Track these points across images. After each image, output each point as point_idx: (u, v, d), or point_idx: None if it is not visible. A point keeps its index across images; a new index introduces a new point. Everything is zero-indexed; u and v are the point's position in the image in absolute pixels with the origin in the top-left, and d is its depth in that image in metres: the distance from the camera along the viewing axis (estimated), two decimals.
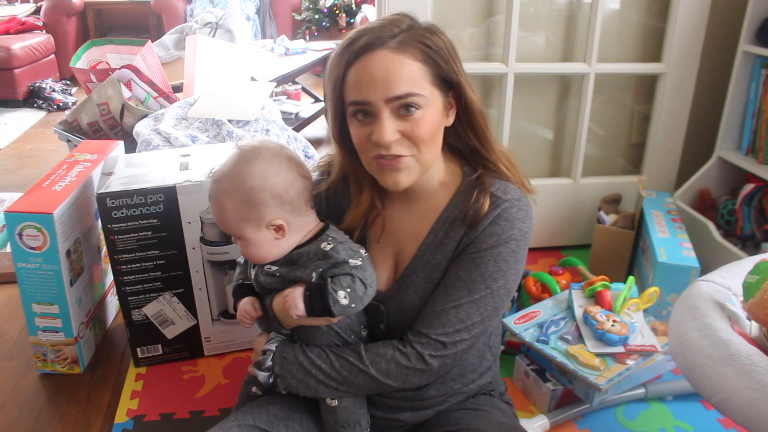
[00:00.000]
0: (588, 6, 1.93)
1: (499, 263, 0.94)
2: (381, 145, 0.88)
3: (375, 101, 0.87)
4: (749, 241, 1.90)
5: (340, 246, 0.97)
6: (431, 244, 0.99)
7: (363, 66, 0.88)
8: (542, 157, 2.15)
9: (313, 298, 0.93)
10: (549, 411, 1.39)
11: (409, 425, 1.07)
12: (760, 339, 1.00)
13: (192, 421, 1.40)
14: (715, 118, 2.01)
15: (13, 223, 1.39)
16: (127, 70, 2.48)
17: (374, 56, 0.87)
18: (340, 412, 1.00)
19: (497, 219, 0.95)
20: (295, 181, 0.98)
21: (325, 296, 0.93)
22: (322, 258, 0.96)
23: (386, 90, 0.86)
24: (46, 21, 4.56)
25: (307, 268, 0.96)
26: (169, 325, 1.55)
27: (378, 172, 0.93)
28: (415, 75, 0.88)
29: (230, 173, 0.97)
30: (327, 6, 4.86)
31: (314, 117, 3.43)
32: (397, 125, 0.88)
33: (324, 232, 1.00)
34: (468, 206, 0.97)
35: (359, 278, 0.94)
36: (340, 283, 0.94)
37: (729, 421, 1.31)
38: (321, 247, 0.96)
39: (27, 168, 3.07)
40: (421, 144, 0.90)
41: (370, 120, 0.89)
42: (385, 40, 0.88)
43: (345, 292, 0.93)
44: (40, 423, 1.41)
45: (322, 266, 0.96)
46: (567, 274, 1.84)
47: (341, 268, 0.95)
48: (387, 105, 0.87)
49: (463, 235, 0.97)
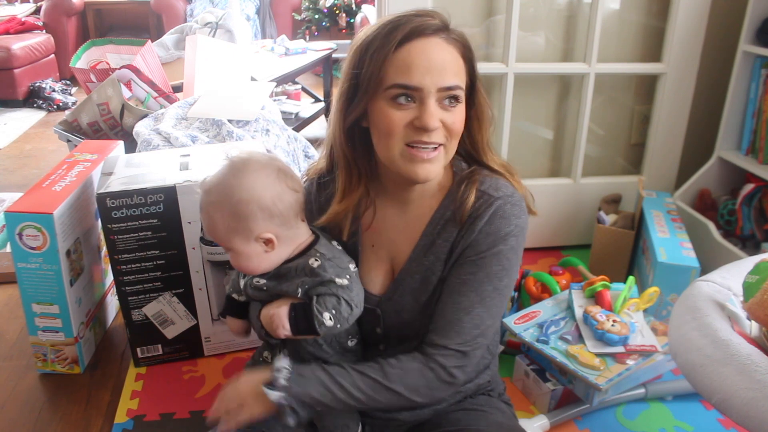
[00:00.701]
0: (588, 6, 1.93)
1: (502, 262, 0.94)
2: (427, 130, 0.87)
3: (428, 88, 0.86)
4: (749, 241, 1.90)
5: (328, 263, 0.96)
6: (424, 245, 0.99)
7: (416, 50, 0.87)
8: (542, 157, 2.15)
9: (299, 319, 0.93)
10: (549, 411, 1.39)
11: (408, 425, 1.06)
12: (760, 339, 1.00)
13: (192, 421, 1.40)
14: (715, 118, 2.01)
15: (13, 223, 1.39)
16: (127, 70, 2.48)
17: (428, 42, 0.87)
18: (326, 417, 1.00)
19: (492, 218, 0.93)
20: (283, 194, 0.96)
21: (311, 317, 0.93)
22: (309, 274, 0.95)
23: (441, 78, 0.86)
24: (46, 21, 4.56)
25: (292, 283, 0.96)
26: (169, 325, 1.55)
27: (407, 162, 0.90)
28: (460, 69, 0.90)
29: (218, 185, 0.96)
30: (327, 6, 4.86)
31: (314, 117, 3.43)
32: (439, 113, 0.88)
33: (314, 246, 0.99)
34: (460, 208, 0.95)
35: (345, 299, 0.94)
36: (325, 304, 0.93)
37: (729, 421, 1.31)
38: (309, 263, 0.96)
39: (27, 168, 3.07)
40: (454, 137, 0.91)
41: (411, 105, 0.88)
42: (437, 29, 0.88)
43: (330, 314, 0.93)
44: (40, 423, 1.41)
45: (308, 283, 0.95)
46: (567, 274, 1.84)
47: (327, 287, 0.94)
48: (437, 93, 0.87)
49: (457, 236, 0.95)
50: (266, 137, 2.12)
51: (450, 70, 0.88)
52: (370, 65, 0.89)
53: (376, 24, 0.92)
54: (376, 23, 0.92)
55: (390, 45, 0.87)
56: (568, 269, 1.88)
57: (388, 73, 0.88)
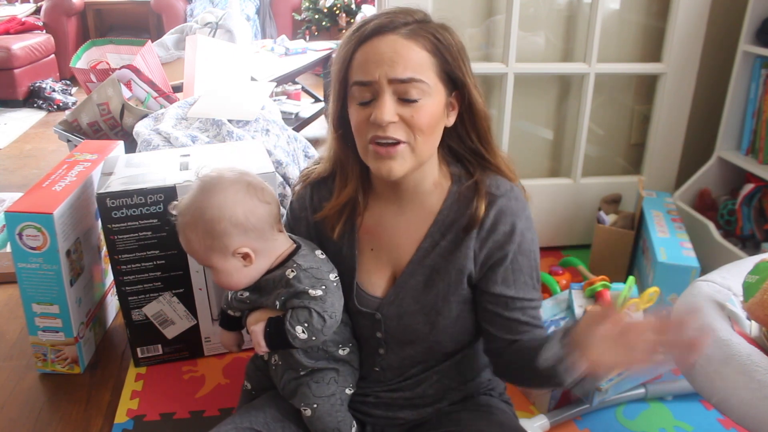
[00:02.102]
0: (588, 6, 1.93)
1: (529, 257, 0.97)
2: (379, 124, 0.86)
3: (379, 80, 0.86)
4: (749, 241, 1.90)
5: (303, 274, 0.96)
6: (428, 248, 0.98)
7: (372, 47, 0.87)
8: (542, 157, 2.15)
9: (272, 335, 0.95)
10: (549, 411, 1.39)
11: (410, 423, 1.07)
12: (760, 339, 1.00)
13: (192, 421, 1.40)
14: (715, 118, 2.01)
15: (13, 223, 1.39)
16: (127, 70, 2.48)
17: (384, 39, 0.87)
18: (315, 422, 1.00)
19: (500, 216, 0.94)
20: (255, 209, 0.97)
21: (283, 333, 0.94)
22: (285, 286, 0.96)
23: (391, 70, 0.86)
24: (46, 21, 4.56)
25: (270, 296, 0.97)
26: (169, 325, 1.55)
27: (373, 159, 0.91)
28: (421, 62, 0.88)
29: (190, 206, 0.97)
30: (327, 6, 4.86)
31: (314, 117, 3.42)
32: (397, 109, 0.87)
33: (292, 256, 0.99)
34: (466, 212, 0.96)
35: (317, 311, 0.94)
36: (297, 317, 0.94)
37: (729, 421, 1.31)
38: (285, 274, 0.96)
39: (27, 168, 3.07)
40: (419, 133, 0.89)
41: (371, 103, 0.88)
42: (397, 26, 0.88)
43: (302, 327, 0.94)
44: (40, 423, 1.41)
45: (284, 294, 0.96)
46: (567, 274, 1.84)
47: (300, 300, 0.95)
48: (390, 86, 0.86)
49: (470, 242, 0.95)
50: (266, 137, 2.12)
51: (405, 63, 0.86)
52: (335, 68, 0.92)
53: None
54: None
55: (350, 47, 0.89)
56: (568, 269, 1.88)
57: (350, 73, 0.90)
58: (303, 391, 1.01)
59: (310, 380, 1.01)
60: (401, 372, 1.05)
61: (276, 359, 1.04)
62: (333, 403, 1.01)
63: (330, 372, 1.01)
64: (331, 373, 1.01)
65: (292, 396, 1.03)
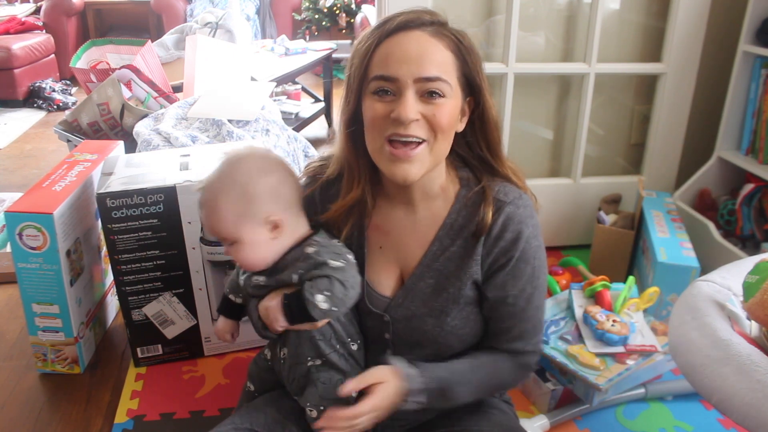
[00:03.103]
0: (588, 6, 1.93)
1: (534, 263, 0.97)
2: (401, 122, 0.85)
3: (404, 78, 0.85)
4: (749, 241, 1.90)
5: (323, 249, 0.95)
6: (437, 251, 0.99)
7: (397, 42, 0.87)
8: (542, 157, 2.15)
9: (292, 307, 0.92)
10: (549, 411, 1.39)
11: (413, 424, 1.06)
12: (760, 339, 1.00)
13: (192, 421, 1.40)
14: (715, 118, 2.01)
15: (13, 223, 1.39)
16: (127, 70, 2.48)
17: (410, 35, 0.87)
18: None
19: (508, 223, 0.95)
20: (286, 179, 0.98)
21: (302, 303, 0.91)
22: (303, 260, 0.95)
23: (418, 69, 0.85)
24: (46, 21, 4.56)
25: (288, 272, 0.96)
26: (169, 325, 1.55)
27: (388, 162, 0.90)
28: (446, 62, 0.88)
29: (222, 174, 0.96)
30: (327, 6, 4.86)
31: (314, 117, 3.43)
32: (419, 107, 0.87)
33: (312, 236, 0.99)
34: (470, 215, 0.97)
35: (338, 279, 0.92)
36: (317, 286, 0.91)
37: (729, 421, 1.31)
38: (305, 250, 0.96)
39: (27, 168, 3.07)
40: (439, 131, 0.88)
41: (391, 98, 0.87)
42: (422, 23, 0.88)
43: (323, 296, 0.91)
44: (40, 423, 1.41)
45: (302, 268, 0.94)
46: (567, 274, 1.84)
47: (320, 270, 0.93)
48: (414, 85, 0.86)
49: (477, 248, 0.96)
50: (266, 137, 2.12)
51: (430, 61, 0.86)
52: (356, 60, 0.91)
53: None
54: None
55: (373, 40, 0.88)
56: (568, 269, 1.88)
57: (371, 67, 0.89)
58: (310, 391, 0.99)
59: (318, 379, 0.99)
60: None
61: (285, 353, 1.02)
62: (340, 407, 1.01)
63: (338, 373, 1.00)
64: (338, 375, 1.00)
65: (299, 392, 1.02)
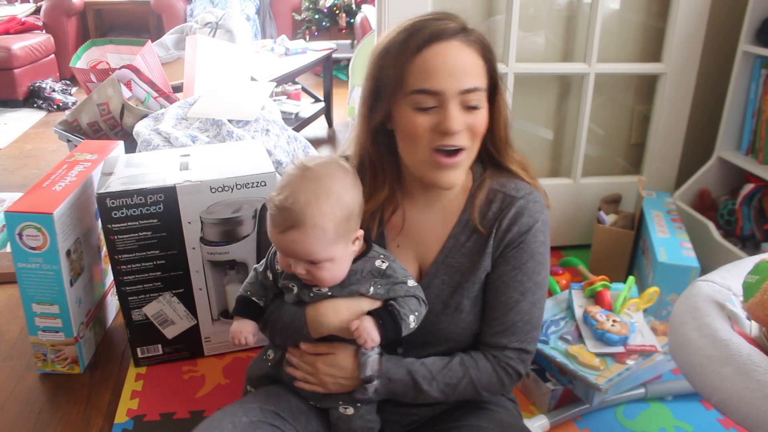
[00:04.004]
0: (588, 6, 1.93)
1: (536, 258, 0.98)
2: (449, 133, 0.88)
3: (448, 92, 0.87)
4: (749, 241, 1.90)
5: (395, 264, 0.96)
6: (452, 247, 1.00)
7: (435, 54, 0.88)
8: (542, 157, 2.15)
9: (387, 326, 0.92)
10: (549, 411, 1.39)
11: (421, 420, 1.07)
12: (760, 339, 1.00)
13: (192, 421, 1.40)
14: (715, 118, 2.01)
15: (13, 223, 1.39)
16: (127, 70, 2.48)
17: (447, 46, 0.88)
18: (356, 420, 0.99)
19: (517, 217, 0.97)
20: (361, 192, 0.96)
21: (398, 322, 0.92)
22: (379, 276, 0.95)
23: (460, 82, 0.87)
24: (46, 21, 4.56)
25: (364, 284, 0.95)
26: (169, 325, 1.56)
27: (434, 170, 0.92)
28: (479, 70, 0.90)
29: (321, 192, 0.89)
30: (327, 6, 4.86)
31: (314, 117, 3.43)
32: (462, 117, 0.89)
33: (371, 249, 0.98)
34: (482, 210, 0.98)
35: (422, 299, 0.95)
36: (408, 306, 0.94)
37: (729, 421, 1.31)
38: (376, 265, 0.95)
39: (27, 168, 3.07)
40: (476, 139, 0.92)
41: (434, 110, 0.89)
42: (455, 32, 0.89)
43: (414, 316, 0.94)
44: (40, 423, 1.41)
45: (380, 283, 0.95)
46: (567, 274, 1.84)
47: (402, 288, 0.95)
48: (457, 97, 0.88)
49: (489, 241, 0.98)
50: (266, 137, 2.13)
51: (470, 72, 0.89)
52: (391, 70, 0.90)
53: (395, 29, 0.92)
54: (395, 28, 0.92)
55: (409, 50, 0.88)
56: (568, 269, 1.88)
57: (408, 78, 0.89)
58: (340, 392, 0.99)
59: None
60: None
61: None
62: (373, 404, 1.01)
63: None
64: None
65: (321, 398, 1.01)
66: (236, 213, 1.48)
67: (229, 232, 1.49)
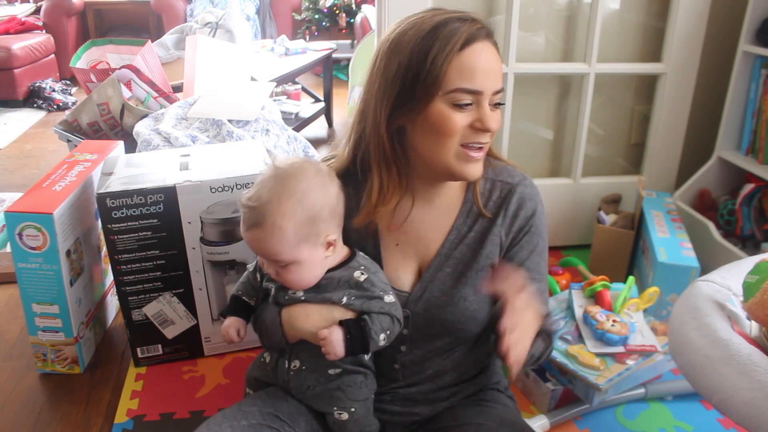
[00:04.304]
0: (588, 6, 1.93)
1: (543, 236, 1.04)
2: (488, 131, 0.91)
3: (487, 91, 0.90)
4: (749, 241, 1.90)
5: (374, 277, 0.95)
6: (455, 239, 1.01)
7: (476, 55, 0.89)
8: (542, 157, 2.15)
9: (354, 342, 0.91)
10: (549, 411, 1.39)
11: (424, 418, 1.07)
12: (760, 339, 1.00)
13: (192, 421, 1.40)
14: (715, 118, 2.01)
15: (13, 223, 1.39)
16: (127, 70, 2.48)
17: (482, 46, 0.90)
18: (351, 425, 0.99)
19: (521, 202, 1.01)
20: (340, 194, 0.95)
21: (367, 340, 0.91)
22: (355, 287, 0.94)
23: (495, 82, 0.91)
24: (46, 21, 4.56)
25: (337, 293, 0.94)
26: (169, 325, 1.56)
27: (461, 162, 0.93)
28: (502, 71, 0.95)
29: (284, 192, 0.89)
30: (327, 6, 4.86)
31: (314, 117, 3.43)
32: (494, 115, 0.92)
33: (354, 258, 0.97)
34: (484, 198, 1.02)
35: (397, 318, 0.94)
36: (381, 324, 0.92)
37: (729, 421, 1.31)
38: (354, 276, 0.94)
39: (27, 168, 3.07)
40: (494, 135, 0.96)
41: (469, 107, 0.90)
42: (486, 34, 0.91)
43: (385, 334, 0.93)
44: (40, 423, 1.41)
45: (355, 295, 0.94)
46: (567, 274, 1.84)
47: (377, 304, 0.93)
48: (491, 96, 0.91)
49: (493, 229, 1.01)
50: (266, 137, 2.13)
51: (499, 73, 0.93)
52: (431, 69, 0.88)
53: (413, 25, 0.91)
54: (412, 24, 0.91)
55: (453, 49, 0.88)
56: (568, 269, 1.88)
57: (450, 76, 0.89)
58: (336, 395, 0.99)
59: (341, 384, 0.98)
60: (421, 368, 1.04)
61: (297, 365, 1.00)
62: (368, 407, 1.01)
63: (359, 376, 1.00)
64: (360, 377, 1.00)
65: (317, 400, 1.01)
66: (236, 213, 1.48)
67: (229, 232, 1.49)
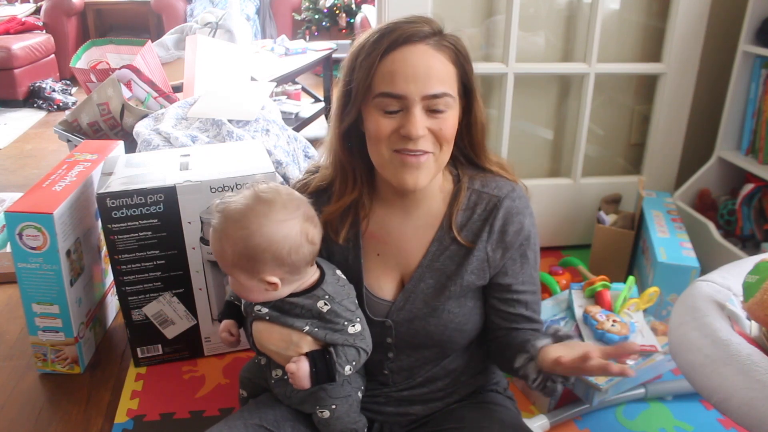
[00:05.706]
0: (588, 6, 1.93)
1: (536, 250, 1.02)
2: (411, 138, 0.87)
3: (411, 96, 0.86)
4: (749, 241, 1.90)
5: (338, 307, 0.94)
6: (436, 251, 0.99)
7: (403, 57, 0.87)
8: (542, 157, 2.15)
9: (320, 374, 0.92)
10: (549, 411, 1.39)
11: (419, 418, 1.07)
12: (760, 339, 1.00)
13: (192, 421, 1.40)
14: (715, 118, 2.01)
15: (13, 223, 1.39)
16: (127, 70, 2.48)
17: (415, 49, 0.87)
18: (334, 422, 1.00)
19: (509, 217, 0.97)
20: (300, 248, 0.92)
21: (332, 372, 0.92)
22: (318, 318, 0.94)
23: (425, 86, 0.86)
24: (46, 21, 4.56)
25: (299, 320, 0.94)
26: (169, 325, 1.56)
27: (397, 168, 0.91)
28: (449, 75, 0.89)
29: (240, 220, 0.90)
30: (327, 6, 4.86)
31: (314, 117, 3.43)
32: (425, 122, 0.88)
33: (320, 285, 0.96)
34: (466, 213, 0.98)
35: (363, 349, 0.95)
36: (346, 356, 0.93)
37: (729, 421, 1.31)
38: (317, 306, 0.94)
39: (27, 168, 3.07)
40: (444, 144, 0.91)
41: (397, 114, 0.88)
42: (424, 36, 0.88)
43: (350, 366, 0.94)
44: (40, 423, 1.41)
45: (317, 325, 0.94)
46: (567, 274, 1.84)
47: (343, 336, 0.94)
48: (421, 102, 0.87)
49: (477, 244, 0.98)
50: (266, 137, 2.12)
51: (436, 77, 0.87)
52: (359, 73, 0.89)
53: (369, 31, 0.92)
54: (370, 30, 0.92)
55: (376, 53, 0.88)
56: (568, 269, 1.88)
57: (375, 81, 0.88)
58: (318, 395, 0.99)
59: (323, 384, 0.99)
60: (411, 374, 1.05)
61: (279, 373, 1.01)
62: (351, 404, 1.01)
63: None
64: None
65: (301, 403, 1.01)
66: None
67: None
